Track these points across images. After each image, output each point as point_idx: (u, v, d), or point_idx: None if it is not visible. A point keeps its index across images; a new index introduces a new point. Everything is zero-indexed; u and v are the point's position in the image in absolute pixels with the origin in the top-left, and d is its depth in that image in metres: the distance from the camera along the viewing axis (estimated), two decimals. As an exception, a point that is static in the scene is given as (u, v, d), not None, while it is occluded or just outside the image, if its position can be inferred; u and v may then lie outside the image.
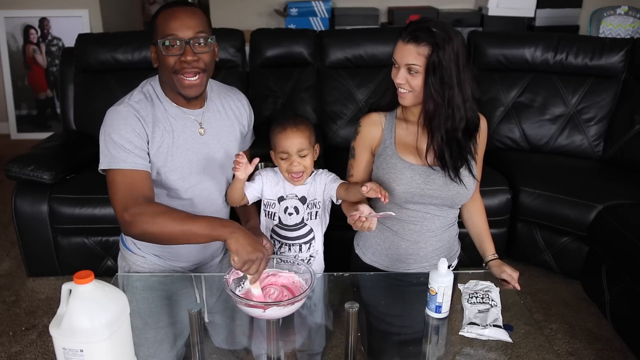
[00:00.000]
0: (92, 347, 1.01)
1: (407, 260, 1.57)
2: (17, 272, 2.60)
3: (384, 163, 1.52)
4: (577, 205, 2.38)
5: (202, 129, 1.49)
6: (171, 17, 1.37)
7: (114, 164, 1.37)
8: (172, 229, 1.31)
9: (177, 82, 1.40)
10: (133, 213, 1.32)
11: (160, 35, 1.37)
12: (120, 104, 1.43)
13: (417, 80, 1.40)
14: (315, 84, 2.92)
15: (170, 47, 1.36)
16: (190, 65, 1.38)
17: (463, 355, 1.28)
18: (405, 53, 1.39)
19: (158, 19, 1.39)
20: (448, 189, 1.49)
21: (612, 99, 2.84)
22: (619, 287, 2.15)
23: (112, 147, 1.37)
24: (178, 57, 1.37)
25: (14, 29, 4.16)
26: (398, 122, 1.54)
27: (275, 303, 1.26)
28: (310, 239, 1.59)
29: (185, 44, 1.36)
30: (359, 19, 4.13)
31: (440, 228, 1.56)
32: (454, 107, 1.41)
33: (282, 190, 1.57)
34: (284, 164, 1.53)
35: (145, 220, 1.31)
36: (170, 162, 1.45)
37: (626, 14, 3.77)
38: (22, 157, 2.41)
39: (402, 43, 1.40)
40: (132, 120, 1.39)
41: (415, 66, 1.39)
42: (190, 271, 1.61)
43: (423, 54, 1.38)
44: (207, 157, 1.51)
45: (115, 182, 1.37)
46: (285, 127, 1.50)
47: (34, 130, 4.32)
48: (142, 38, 2.88)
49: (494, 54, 2.94)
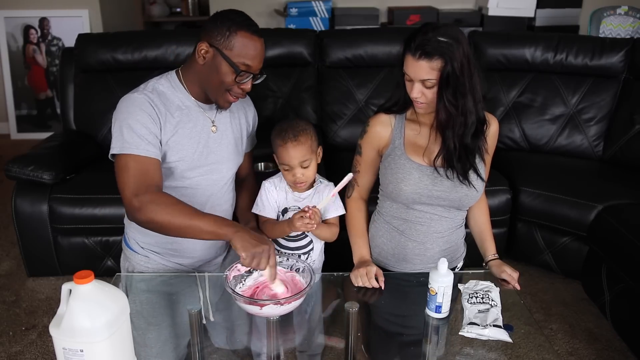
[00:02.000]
0: (92, 347, 1.01)
1: (413, 261, 1.58)
2: (17, 272, 2.60)
3: (392, 163, 1.53)
4: (577, 205, 2.38)
5: (214, 127, 1.52)
6: (254, 47, 1.41)
7: (127, 149, 1.37)
8: (180, 221, 1.32)
9: (221, 95, 1.45)
10: (143, 200, 1.33)
11: (235, 56, 1.39)
12: (135, 92, 1.44)
13: (433, 91, 1.40)
14: (315, 84, 2.92)
15: (241, 74, 1.40)
16: (244, 92, 1.46)
17: (463, 355, 1.28)
18: (418, 69, 1.37)
19: (239, 37, 1.39)
20: (456, 191, 1.49)
21: (612, 99, 2.84)
22: (619, 287, 2.15)
23: (127, 132, 1.37)
24: (238, 82, 1.42)
25: (14, 29, 4.16)
26: (407, 122, 1.54)
27: (273, 301, 1.26)
28: (309, 249, 1.62)
29: (252, 77, 1.43)
30: (359, 19, 4.13)
31: (448, 230, 1.56)
32: (467, 113, 1.41)
33: (285, 202, 1.60)
34: (287, 175, 1.55)
35: (153, 209, 1.32)
36: (181, 151, 1.47)
37: (626, 14, 3.77)
38: (22, 157, 2.41)
39: (413, 59, 1.37)
40: (147, 107, 1.40)
41: (430, 81, 1.38)
42: (193, 269, 1.62)
43: (436, 68, 1.36)
44: (215, 153, 1.54)
45: (127, 167, 1.36)
46: (285, 141, 1.49)
47: (34, 130, 4.32)
48: (142, 38, 2.88)
49: (494, 54, 2.94)
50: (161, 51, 2.80)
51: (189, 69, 1.48)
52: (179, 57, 2.80)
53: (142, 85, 1.47)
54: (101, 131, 2.76)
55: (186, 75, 1.49)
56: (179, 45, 2.80)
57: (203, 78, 1.45)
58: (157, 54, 2.80)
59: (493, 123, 1.54)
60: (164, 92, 1.46)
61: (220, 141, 1.54)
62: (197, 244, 1.57)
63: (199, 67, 1.44)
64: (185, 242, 1.56)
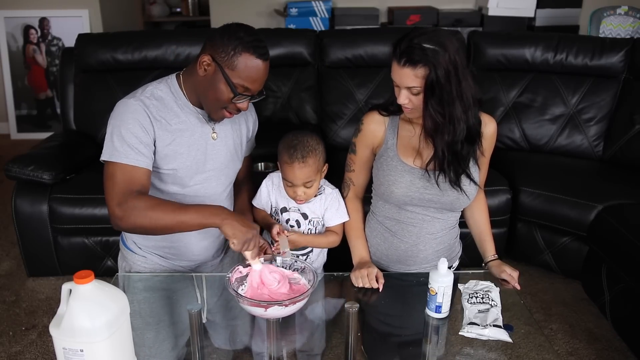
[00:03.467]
0: (92, 347, 1.01)
1: (406, 262, 1.58)
2: (17, 272, 2.60)
3: (384, 164, 1.52)
4: (577, 205, 2.38)
5: (214, 134, 1.51)
6: (256, 71, 1.37)
7: (116, 157, 1.36)
8: (165, 221, 1.32)
9: (215, 111, 1.44)
10: (125, 208, 1.32)
11: (236, 77, 1.36)
12: (131, 97, 1.42)
13: (420, 98, 1.38)
14: (315, 84, 2.92)
15: (240, 95, 1.39)
16: (239, 111, 1.44)
17: (463, 355, 1.28)
18: (403, 77, 1.36)
19: (242, 58, 1.35)
20: (447, 195, 1.48)
21: (612, 99, 2.84)
22: (619, 287, 2.15)
23: (117, 139, 1.37)
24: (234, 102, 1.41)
25: (14, 29, 4.16)
26: (402, 123, 1.53)
27: (277, 302, 1.26)
28: (308, 251, 1.62)
29: (250, 98, 1.42)
30: (359, 19, 4.13)
31: (441, 230, 1.56)
32: (455, 121, 1.38)
33: (286, 202, 1.59)
34: (288, 190, 1.55)
35: (136, 215, 1.32)
36: (178, 159, 1.45)
37: (626, 14, 3.77)
38: (22, 157, 2.41)
39: (398, 66, 1.36)
40: (140, 115, 1.38)
41: (415, 88, 1.36)
42: (191, 271, 1.62)
43: (420, 76, 1.34)
44: (214, 160, 1.52)
45: (113, 176, 1.36)
46: (292, 160, 1.47)
47: (34, 130, 4.32)
48: (142, 38, 2.88)
49: (494, 54, 2.94)
50: (161, 51, 2.80)
51: (189, 76, 1.46)
52: (179, 57, 2.80)
53: (140, 89, 1.45)
54: (101, 131, 2.76)
55: (186, 81, 1.47)
56: (179, 45, 2.80)
57: (200, 89, 1.43)
58: (157, 54, 2.80)
59: (490, 124, 1.52)
60: (162, 98, 1.44)
61: (219, 148, 1.52)
62: (195, 246, 1.57)
63: (199, 78, 1.41)
64: (184, 245, 1.56)
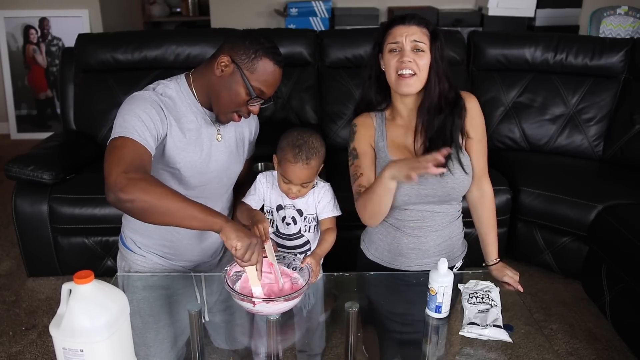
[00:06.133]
0: (92, 347, 1.01)
1: (408, 255, 1.57)
2: (17, 272, 2.60)
3: (379, 168, 1.52)
4: (577, 205, 2.38)
5: (219, 135, 1.51)
6: (273, 76, 1.40)
7: (128, 133, 1.30)
8: (167, 204, 1.21)
9: (225, 113, 1.44)
10: (133, 177, 1.21)
11: (254, 80, 1.38)
12: (145, 90, 1.41)
13: (424, 59, 1.42)
14: (315, 84, 2.92)
15: (255, 98, 1.40)
16: (249, 114, 1.45)
17: (463, 355, 1.28)
18: (410, 32, 1.43)
19: (262, 62, 1.38)
20: (442, 185, 1.48)
21: (612, 99, 2.84)
22: (618, 287, 2.15)
23: (132, 119, 1.32)
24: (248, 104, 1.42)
25: (14, 29, 4.16)
26: (388, 123, 1.55)
27: (265, 299, 1.26)
28: (306, 249, 1.61)
29: (263, 102, 1.43)
30: (359, 19, 4.14)
31: (442, 224, 1.56)
32: (443, 95, 1.47)
33: (281, 199, 1.59)
34: (282, 185, 1.55)
35: (141, 186, 1.20)
36: (184, 158, 1.45)
37: (626, 14, 3.77)
38: (22, 157, 2.41)
39: (404, 25, 1.44)
40: (156, 107, 1.37)
41: (421, 44, 1.41)
42: (190, 270, 1.62)
43: (426, 34, 1.43)
44: (217, 161, 1.52)
45: (123, 147, 1.28)
46: (297, 161, 1.47)
47: (34, 130, 4.32)
48: (142, 38, 2.88)
49: (494, 54, 2.94)
50: (161, 51, 2.80)
51: (201, 77, 1.45)
52: (179, 57, 2.80)
53: (151, 85, 1.45)
54: (101, 131, 2.76)
55: (197, 81, 1.46)
56: (179, 45, 2.80)
57: (214, 90, 1.42)
58: (157, 54, 2.80)
59: (469, 99, 1.53)
60: (172, 97, 1.44)
61: (223, 150, 1.52)
62: (195, 247, 1.57)
63: (214, 78, 1.41)
64: (183, 245, 1.56)
